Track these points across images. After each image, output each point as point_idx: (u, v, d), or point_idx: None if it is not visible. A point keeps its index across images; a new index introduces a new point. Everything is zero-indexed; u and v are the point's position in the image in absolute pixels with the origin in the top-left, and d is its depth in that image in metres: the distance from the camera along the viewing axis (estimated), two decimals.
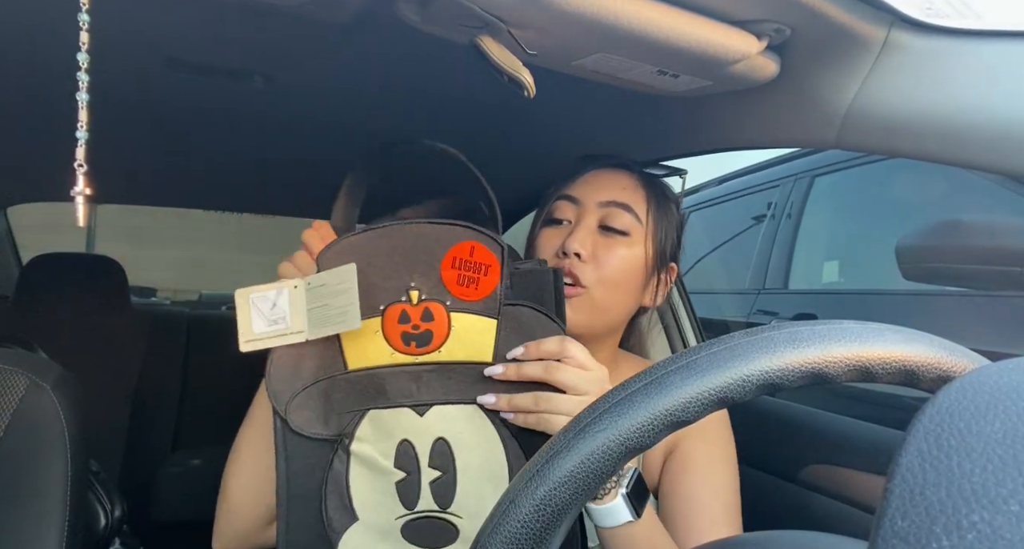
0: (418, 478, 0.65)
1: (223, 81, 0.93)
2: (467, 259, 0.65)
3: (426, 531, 0.65)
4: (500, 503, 0.33)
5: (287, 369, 0.67)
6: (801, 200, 2.54)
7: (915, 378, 0.33)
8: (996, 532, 0.19)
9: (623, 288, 0.80)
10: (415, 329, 0.65)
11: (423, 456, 0.65)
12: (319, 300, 0.66)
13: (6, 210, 1.99)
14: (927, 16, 0.61)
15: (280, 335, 0.67)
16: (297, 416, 0.66)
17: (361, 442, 0.66)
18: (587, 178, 0.84)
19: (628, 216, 0.80)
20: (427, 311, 0.65)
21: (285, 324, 0.67)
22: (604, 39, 0.60)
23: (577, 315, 0.77)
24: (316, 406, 0.67)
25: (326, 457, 0.66)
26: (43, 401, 0.71)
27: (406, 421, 0.65)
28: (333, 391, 0.67)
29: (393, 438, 0.65)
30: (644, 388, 0.33)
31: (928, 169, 1.79)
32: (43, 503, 0.69)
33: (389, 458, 0.65)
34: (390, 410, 0.66)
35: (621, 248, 0.80)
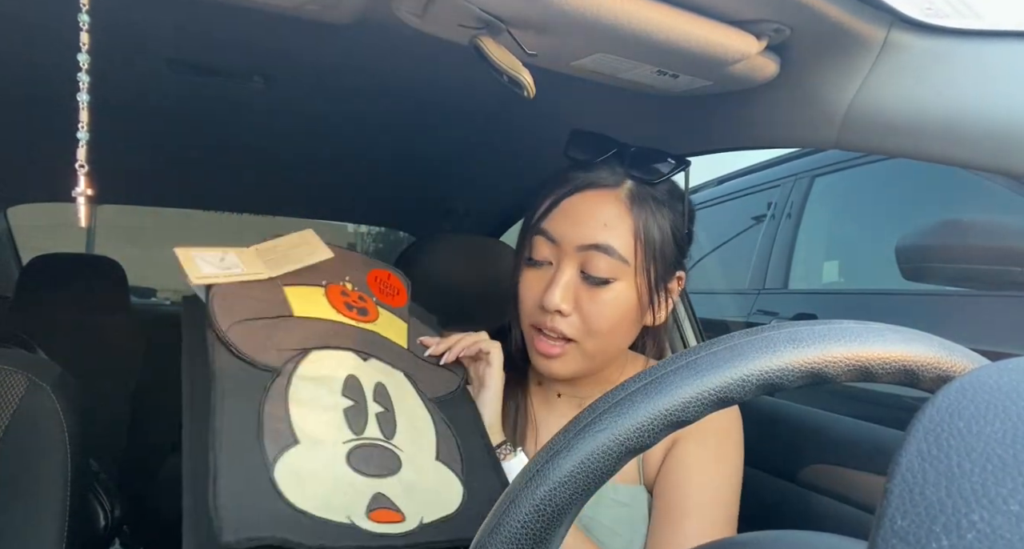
0: (365, 408, 0.66)
1: (223, 81, 0.93)
2: (385, 280, 0.81)
3: (372, 459, 0.63)
4: (500, 503, 0.33)
5: (228, 302, 0.67)
6: (801, 200, 2.54)
7: (915, 378, 0.33)
8: (996, 532, 0.19)
9: (615, 332, 0.75)
10: (354, 302, 0.75)
11: (368, 391, 0.67)
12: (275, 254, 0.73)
13: (6, 210, 1.99)
14: (927, 16, 0.61)
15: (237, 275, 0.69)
16: (238, 338, 0.64)
17: (305, 373, 0.65)
18: (567, 209, 0.74)
19: (610, 259, 0.72)
20: (361, 296, 0.77)
21: (240, 270, 0.70)
22: (603, 39, 0.60)
23: (567, 367, 0.76)
24: (259, 336, 0.66)
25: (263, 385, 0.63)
26: (43, 401, 0.71)
27: (351, 361, 0.69)
28: (277, 328, 0.67)
29: (339, 373, 0.67)
30: (644, 388, 0.33)
31: (928, 169, 1.79)
32: (43, 503, 0.69)
33: (336, 388, 0.66)
34: (336, 351, 0.69)
35: (606, 295, 0.73)
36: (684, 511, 0.75)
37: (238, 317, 0.66)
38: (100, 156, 0.54)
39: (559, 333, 0.74)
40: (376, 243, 5.73)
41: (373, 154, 1.36)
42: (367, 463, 0.62)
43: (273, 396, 0.62)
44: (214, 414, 0.60)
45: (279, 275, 0.72)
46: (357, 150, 1.32)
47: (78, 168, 0.49)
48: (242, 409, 0.60)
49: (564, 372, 0.76)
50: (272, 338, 0.66)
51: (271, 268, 0.71)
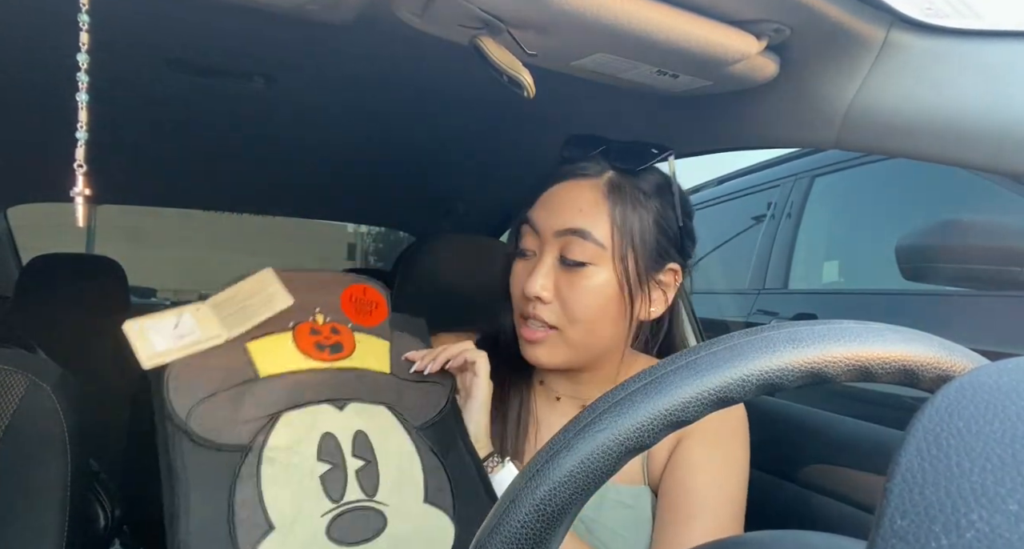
0: (343, 469, 0.64)
1: (223, 82, 0.93)
2: (360, 297, 0.77)
3: (355, 524, 0.61)
4: (500, 503, 0.33)
5: (189, 377, 0.63)
6: (801, 200, 2.54)
7: (914, 378, 0.33)
8: (995, 531, 0.19)
9: (599, 320, 0.75)
10: (326, 340, 0.71)
11: (346, 447, 0.65)
12: (232, 307, 0.68)
13: (6, 210, 1.99)
14: (927, 16, 0.61)
15: (192, 344, 0.64)
16: (200, 424, 0.61)
17: (276, 444, 0.62)
18: (547, 199, 0.77)
19: (586, 244, 0.73)
20: (334, 328, 0.73)
21: (196, 336, 0.64)
22: (604, 39, 0.60)
23: (554, 355, 0.77)
24: (223, 413, 0.62)
25: (232, 467, 0.60)
26: (43, 401, 0.71)
27: (326, 416, 0.66)
28: (243, 398, 0.63)
29: (314, 433, 0.64)
30: (644, 388, 0.33)
31: (928, 169, 1.79)
32: (43, 504, 0.69)
33: (311, 454, 0.63)
34: (309, 408, 0.65)
35: (584, 281, 0.74)
36: (690, 512, 0.74)
37: (199, 396, 0.62)
38: (99, 156, 0.54)
39: (541, 320, 0.75)
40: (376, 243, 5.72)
41: (373, 154, 1.36)
42: (349, 531, 0.61)
43: (244, 479, 0.60)
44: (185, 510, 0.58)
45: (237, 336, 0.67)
46: (357, 150, 1.32)
47: (77, 168, 0.49)
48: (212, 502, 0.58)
49: (550, 360, 0.77)
50: (238, 411, 0.63)
51: (229, 326, 0.66)
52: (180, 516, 0.58)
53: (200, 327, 0.65)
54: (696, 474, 0.76)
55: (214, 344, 0.65)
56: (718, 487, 0.76)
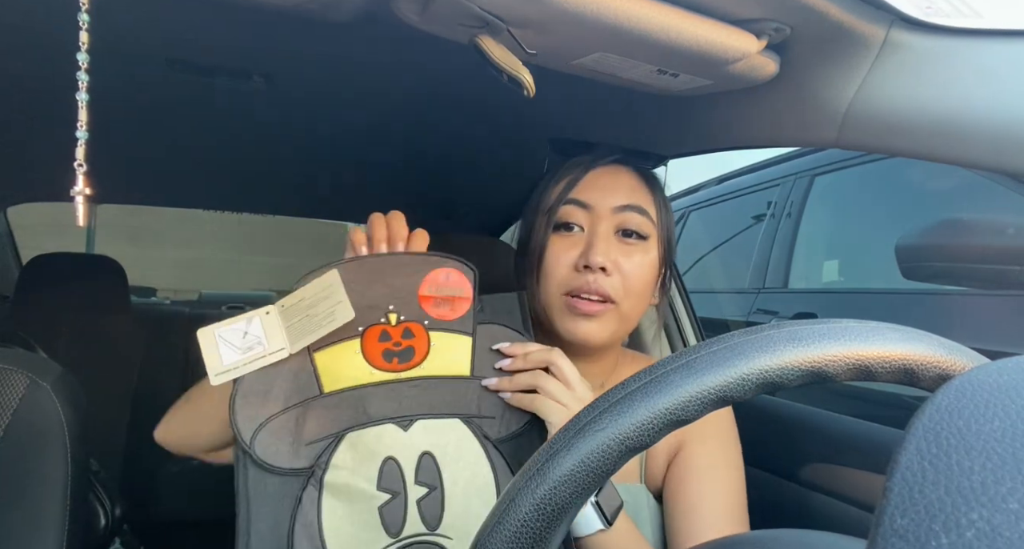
0: (404, 498, 0.61)
1: (222, 81, 0.93)
2: (442, 284, 0.70)
3: None
4: (500, 502, 0.33)
5: (254, 397, 0.63)
6: (801, 199, 2.54)
7: (914, 377, 0.33)
8: (995, 530, 0.19)
9: (644, 295, 0.79)
10: (396, 346, 0.66)
11: (409, 473, 0.62)
12: (298, 315, 0.65)
13: (6, 210, 1.99)
14: (927, 15, 0.61)
15: (258, 358, 0.63)
16: (264, 449, 0.61)
17: (338, 470, 0.62)
18: (593, 180, 0.79)
19: (643, 218, 0.78)
20: (407, 330, 0.67)
21: (262, 347, 0.64)
22: (604, 38, 0.60)
23: (604, 331, 0.76)
24: (286, 436, 0.62)
25: (294, 494, 0.61)
26: (43, 400, 0.71)
27: (389, 438, 0.63)
28: (306, 417, 0.62)
29: (376, 458, 0.62)
30: (643, 387, 0.33)
31: (928, 168, 1.79)
32: (43, 502, 0.69)
33: (372, 481, 0.61)
34: (372, 428, 0.63)
35: (639, 254, 0.77)
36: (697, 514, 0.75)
37: (263, 417, 0.62)
38: (99, 155, 0.54)
39: (603, 293, 0.75)
40: None
41: (373, 153, 1.35)
42: None
43: (305, 506, 0.60)
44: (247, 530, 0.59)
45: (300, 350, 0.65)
46: (357, 149, 1.32)
47: (77, 167, 0.49)
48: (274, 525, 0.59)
49: (600, 336, 0.76)
50: (301, 431, 0.62)
51: (292, 338, 0.64)
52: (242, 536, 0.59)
53: (267, 337, 0.64)
54: (703, 480, 0.77)
55: (277, 358, 0.63)
56: (726, 490, 0.78)
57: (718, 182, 3.20)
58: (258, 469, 0.61)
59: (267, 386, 0.63)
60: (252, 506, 0.60)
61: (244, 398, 0.62)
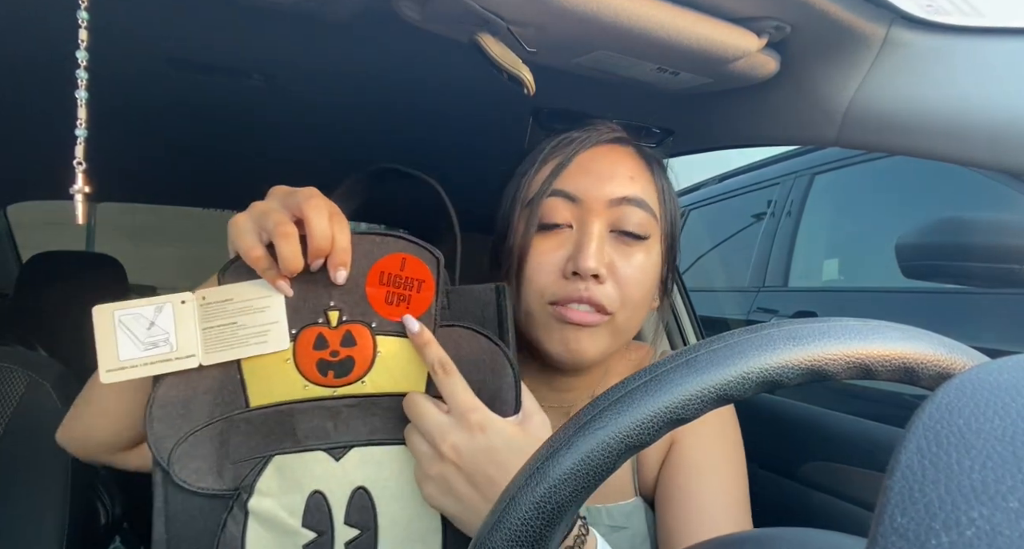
0: (331, 539, 0.54)
1: (222, 79, 0.93)
2: (397, 274, 0.56)
3: None
4: (500, 501, 0.33)
5: (174, 407, 0.55)
6: (801, 198, 2.54)
7: (914, 375, 0.33)
8: (995, 528, 0.19)
9: (644, 303, 0.67)
10: (333, 356, 0.55)
11: (338, 511, 0.54)
12: (221, 318, 0.55)
13: (6, 208, 1.99)
14: (927, 13, 0.61)
15: (160, 361, 0.53)
16: (183, 467, 0.54)
17: (262, 496, 0.54)
18: (584, 164, 0.66)
19: (643, 213, 0.65)
20: (348, 334, 0.56)
21: (169, 347, 0.54)
22: (604, 36, 0.60)
23: (597, 345, 0.65)
24: (208, 454, 0.54)
25: (218, 517, 0.54)
26: (43, 398, 0.71)
27: (319, 467, 0.55)
28: (231, 434, 0.55)
29: (302, 490, 0.54)
30: (644, 385, 0.33)
31: (928, 167, 1.79)
32: (44, 500, 0.69)
33: (296, 515, 0.54)
34: (299, 454, 0.55)
35: (640, 256, 0.65)
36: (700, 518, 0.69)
37: (183, 431, 0.54)
38: (99, 154, 0.54)
39: (595, 304, 0.63)
40: None
41: (372, 152, 1.35)
42: None
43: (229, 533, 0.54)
44: None
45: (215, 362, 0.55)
46: (356, 148, 1.32)
47: (76, 166, 0.49)
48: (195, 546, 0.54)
49: (593, 351, 0.65)
50: (225, 451, 0.55)
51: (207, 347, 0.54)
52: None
53: (176, 334, 0.54)
54: (699, 477, 0.71)
55: (183, 367, 0.54)
56: (723, 490, 0.71)
57: (718, 181, 3.19)
58: (178, 490, 0.54)
59: (188, 394, 0.55)
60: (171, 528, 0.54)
61: (162, 408, 0.54)
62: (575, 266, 0.63)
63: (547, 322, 0.65)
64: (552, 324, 0.65)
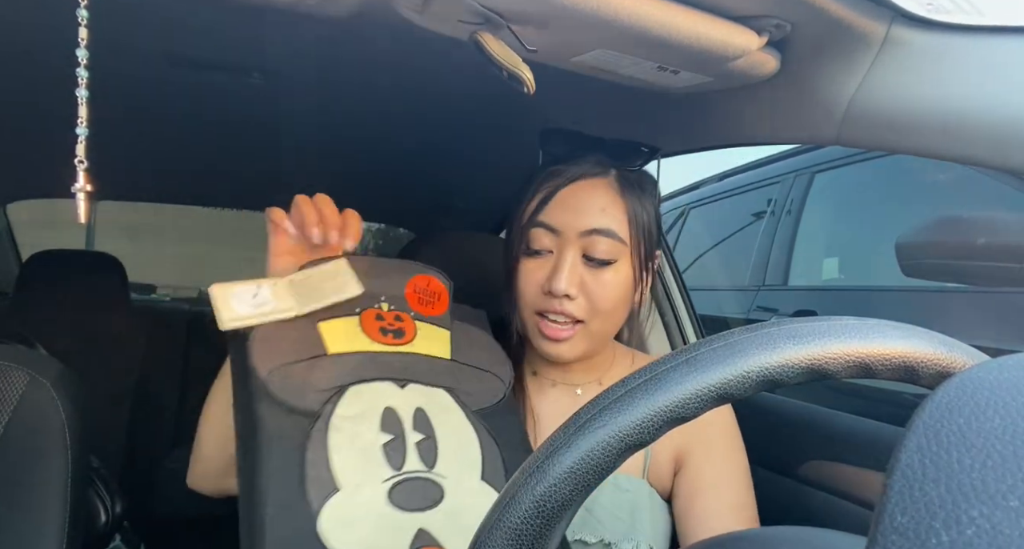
0: (403, 440, 0.67)
1: (222, 77, 0.93)
2: (424, 288, 0.79)
3: (414, 493, 0.65)
4: (500, 499, 0.33)
5: (267, 345, 0.68)
6: (801, 197, 2.54)
7: (914, 374, 0.33)
8: (995, 527, 0.19)
9: (618, 311, 0.80)
10: (390, 326, 0.74)
11: (407, 421, 0.68)
12: (307, 287, 0.72)
13: (6, 207, 1.99)
14: (928, 12, 0.61)
15: (268, 314, 0.68)
16: (278, 386, 0.66)
17: (343, 413, 0.67)
18: (564, 199, 0.78)
19: (610, 242, 0.77)
20: (398, 316, 0.76)
21: (272, 305, 0.69)
22: (604, 35, 0.60)
23: (574, 350, 0.79)
24: (296, 381, 0.67)
25: (304, 430, 0.65)
26: (43, 398, 0.71)
27: (388, 392, 0.69)
28: (313, 370, 0.68)
29: (377, 407, 0.68)
30: (643, 384, 0.33)
31: (928, 165, 1.79)
32: (44, 499, 0.69)
33: (375, 424, 0.67)
34: (372, 383, 0.69)
35: (609, 275, 0.77)
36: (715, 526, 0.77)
37: (277, 362, 0.67)
38: (99, 152, 0.54)
39: (569, 316, 0.77)
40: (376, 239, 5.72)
41: (373, 150, 1.35)
42: (409, 499, 0.64)
43: (314, 441, 0.64)
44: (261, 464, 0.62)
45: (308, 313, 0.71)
46: (356, 146, 1.32)
47: (77, 164, 0.49)
48: (286, 458, 0.63)
49: (571, 354, 0.80)
50: (309, 380, 0.67)
51: (301, 303, 0.71)
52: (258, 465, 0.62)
53: (276, 299, 0.70)
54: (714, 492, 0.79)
55: (286, 316, 0.69)
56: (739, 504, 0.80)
57: (718, 179, 3.19)
58: (272, 407, 0.65)
59: (280, 339, 0.69)
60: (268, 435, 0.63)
61: (260, 343, 0.67)
62: (551, 287, 0.77)
63: (534, 331, 0.81)
64: (537, 333, 0.80)
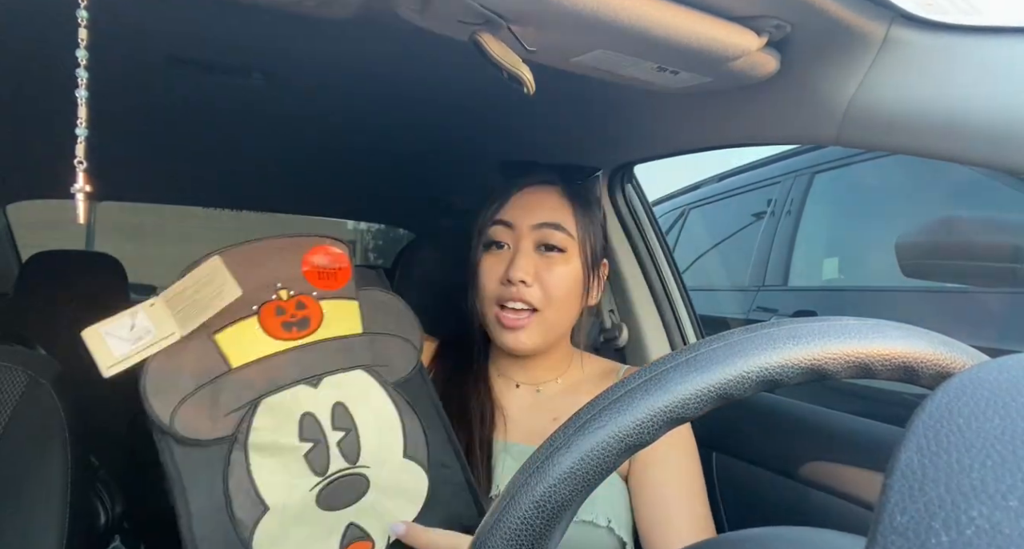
0: (325, 444, 0.67)
1: (223, 78, 0.93)
2: (323, 259, 0.76)
3: (340, 491, 0.67)
4: (500, 500, 0.33)
5: (163, 382, 0.64)
6: (801, 197, 2.54)
7: (914, 374, 0.33)
8: (995, 527, 0.19)
9: (569, 301, 0.86)
10: (292, 318, 0.71)
11: (325, 422, 0.68)
12: (183, 301, 0.67)
13: (6, 207, 1.99)
14: (927, 12, 0.61)
15: (149, 346, 0.64)
16: (184, 425, 0.63)
17: (259, 431, 0.65)
18: (517, 201, 0.88)
19: (560, 234, 0.85)
20: (300, 302, 0.72)
21: (151, 336, 0.65)
22: (604, 35, 0.60)
23: (533, 337, 0.84)
24: (204, 412, 0.64)
25: (222, 458, 0.64)
26: (43, 398, 0.71)
27: (303, 396, 0.68)
28: (219, 392, 0.65)
29: (293, 416, 0.67)
30: (643, 385, 0.33)
31: (928, 165, 1.79)
32: (43, 500, 0.69)
33: (293, 435, 0.66)
34: (284, 392, 0.67)
35: (560, 266, 0.85)
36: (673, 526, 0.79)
37: (176, 399, 0.64)
38: (99, 153, 0.54)
39: (525, 302, 0.83)
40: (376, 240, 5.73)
41: (372, 151, 1.35)
42: (337, 498, 0.66)
43: (235, 466, 0.64)
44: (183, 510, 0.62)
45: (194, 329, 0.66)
46: (356, 147, 1.32)
47: (77, 165, 0.49)
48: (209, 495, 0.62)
49: (529, 343, 0.85)
50: (217, 404, 0.65)
51: (181, 322, 0.65)
52: (182, 514, 0.62)
53: (155, 325, 0.65)
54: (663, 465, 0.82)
55: (169, 342, 0.64)
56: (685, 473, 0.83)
57: (718, 180, 3.19)
58: (182, 446, 0.63)
59: (175, 369, 0.65)
60: (185, 482, 0.62)
61: (154, 385, 0.64)
62: (509, 275, 0.84)
63: (494, 324, 0.86)
64: (497, 325, 0.86)
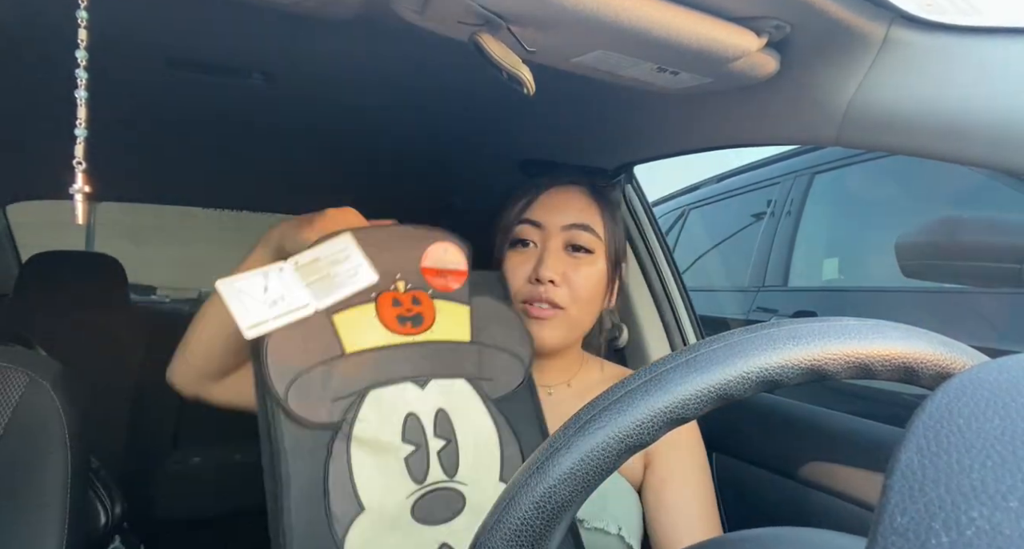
0: (426, 450, 0.66)
1: (222, 78, 0.93)
2: (441, 257, 0.77)
3: (437, 505, 0.65)
4: (500, 500, 0.33)
5: (282, 354, 0.65)
6: (801, 197, 2.54)
7: (914, 375, 0.33)
8: (995, 528, 0.19)
9: (593, 302, 0.87)
10: (408, 312, 0.72)
11: (428, 427, 0.67)
12: (316, 273, 0.68)
13: (5, 208, 1.99)
14: (927, 13, 0.61)
15: (285, 313, 0.66)
16: (298, 403, 0.64)
17: (364, 424, 0.65)
18: (546, 201, 0.88)
19: (589, 235, 0.86)
20: (415, 298, 0.73)
21: (286, 303, 0.66)
22: (604, 36, 0.60)
23: (555, 333, 0.84)
24: (315, 392, 0.65)
25: (325, 446, 0.64)
26: (43, 399, 0.71)
27: (410, 395, 0.68)
28: (332, 374, 0.66)
29: (398, 413, 0.67)
30: (643, 385, 0.33)
31: (928, 166, 1.79)
32: (43, 501, 0.69)
33: (396, 434, 0.66)
34: (393, 387, 0.68)
35: (587, 266, 0.86)
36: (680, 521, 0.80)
37: (293, 372, 0.65)
38: (99, 153, 0.54)
39: (551, 302, 0.84)
40: None
41: (373, 151, 1.35)
42: (431, 512, 0.65)
43: (336, 456, 0.64)
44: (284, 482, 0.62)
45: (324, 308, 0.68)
46: (357, 147, 1.32)
47: (76, 165, 0.49)
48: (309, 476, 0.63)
49: (551, 337, 0.84)
50: (328, 388, 0.66)
51: (316, 296, 0.67)
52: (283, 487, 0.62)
53: (288, 293, 0.67)
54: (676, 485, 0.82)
55: (304, 315, 0.66)
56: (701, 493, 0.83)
57: (717, 180, 3.19)
58: (292, 424, 0.64)
59: (294, 344, 0.66)
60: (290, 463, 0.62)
61: (275, 354, 0.65)
62: (537, 274, 0.83)
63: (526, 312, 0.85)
64: (527, 313, 0.85)
